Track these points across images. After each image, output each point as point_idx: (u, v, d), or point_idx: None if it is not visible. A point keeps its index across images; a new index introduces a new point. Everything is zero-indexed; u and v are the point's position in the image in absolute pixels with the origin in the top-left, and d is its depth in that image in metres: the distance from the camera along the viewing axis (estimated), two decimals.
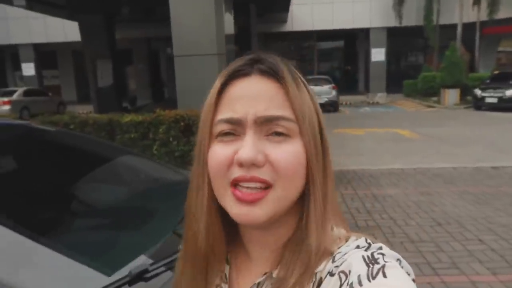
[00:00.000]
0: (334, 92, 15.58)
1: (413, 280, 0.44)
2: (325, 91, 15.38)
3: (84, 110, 15.76)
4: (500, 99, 13.49)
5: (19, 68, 20.74)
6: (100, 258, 1.22)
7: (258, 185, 0.48)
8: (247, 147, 0.48)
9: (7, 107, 14.98)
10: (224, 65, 6.36)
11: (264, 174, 0.48)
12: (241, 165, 0.48)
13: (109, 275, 1.05)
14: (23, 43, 19.56)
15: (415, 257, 3.28)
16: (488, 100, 13.81)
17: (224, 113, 0.51)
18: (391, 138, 9.24)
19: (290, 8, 16.08)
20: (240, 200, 0.49)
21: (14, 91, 16.11)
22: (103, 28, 13.36)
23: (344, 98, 18.41)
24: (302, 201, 0.52)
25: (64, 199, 1.73)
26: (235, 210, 0.50)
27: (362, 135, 9.79)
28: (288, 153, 0.49)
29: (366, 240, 0.50)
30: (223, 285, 0.59)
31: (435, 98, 16.66)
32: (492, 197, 4.83)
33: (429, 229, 3.90)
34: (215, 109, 0.52)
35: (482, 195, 4.94)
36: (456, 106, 15.19)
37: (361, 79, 22.48)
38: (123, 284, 1.01)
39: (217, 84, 0.53)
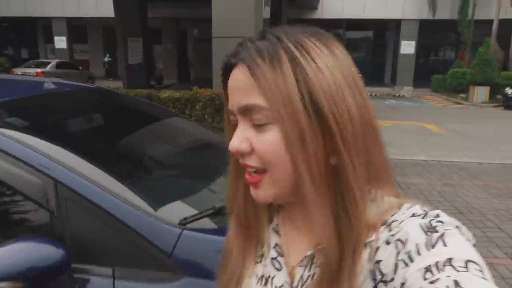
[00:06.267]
0: None
1: (474, 245, 0.44)
2: None
3: (112, 86, 16.10)
4: None
5: (51, 41, 21.25)
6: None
7: (253, 169, 0.52)
8: (234, 137, 0.52)
9: None
10: None
11: (253, 161, 0.51)
12: None
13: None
14: (57, 16, 20.02)
15: None
16: None
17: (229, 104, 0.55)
18: (417, 131, 9.26)
19: None
20: (249, 183, 0.54)
21: (48, 63, 16.63)
22: (137, 5, 13.61)
23: (368, 90, 18.27)
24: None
25: (135, 155, 1.97)
26: (251, 191, 0.55)
27: (388, 127, 9.82)
28: (266, 142, 0.49)
29: (421, 208, 0.49)
30: (279, 258, 0.59)
31: (463, 95, 16.37)
32: None
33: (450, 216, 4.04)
34: (226, 98, 0.56)
35: (506, 189, 5.02)
36: (485, 104, 14.91)
37: (388, 71, 22.19)
38: (209, 214, 1.28)
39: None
